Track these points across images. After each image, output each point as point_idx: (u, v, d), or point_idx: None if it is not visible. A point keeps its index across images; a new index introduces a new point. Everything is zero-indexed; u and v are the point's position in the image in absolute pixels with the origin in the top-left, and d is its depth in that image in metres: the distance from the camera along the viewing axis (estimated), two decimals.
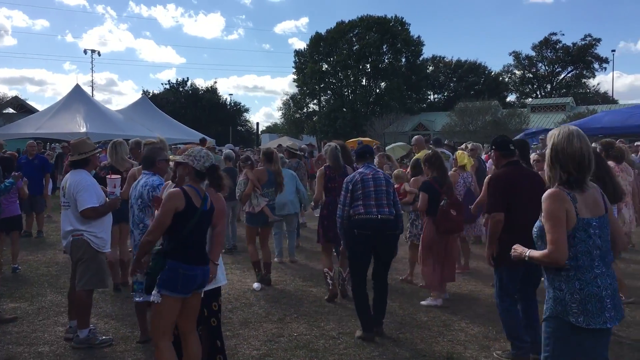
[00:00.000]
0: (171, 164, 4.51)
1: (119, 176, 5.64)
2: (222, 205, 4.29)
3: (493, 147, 5.29)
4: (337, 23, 55.17)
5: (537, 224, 3.16)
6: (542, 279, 5.80)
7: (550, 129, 14.87)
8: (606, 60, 58.61)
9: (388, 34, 53.32)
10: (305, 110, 59.70)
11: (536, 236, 3.16)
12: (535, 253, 3.11)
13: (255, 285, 7.44)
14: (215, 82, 71.21)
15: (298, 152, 11.82)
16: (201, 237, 4.03)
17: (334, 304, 6.68)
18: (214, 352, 4.33)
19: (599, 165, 4.91)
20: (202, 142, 15.59)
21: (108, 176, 5.60)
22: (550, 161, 3.12)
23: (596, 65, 59.71)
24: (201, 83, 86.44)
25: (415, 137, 10.19)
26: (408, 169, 8.62)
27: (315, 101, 58.79)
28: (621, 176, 6.99)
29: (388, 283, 5.87)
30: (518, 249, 3.27)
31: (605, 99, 55.05)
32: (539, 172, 6.12)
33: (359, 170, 5.89)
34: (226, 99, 62.91)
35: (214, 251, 4.25)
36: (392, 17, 54.75)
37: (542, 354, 3.17)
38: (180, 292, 3.88)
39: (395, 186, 8.13)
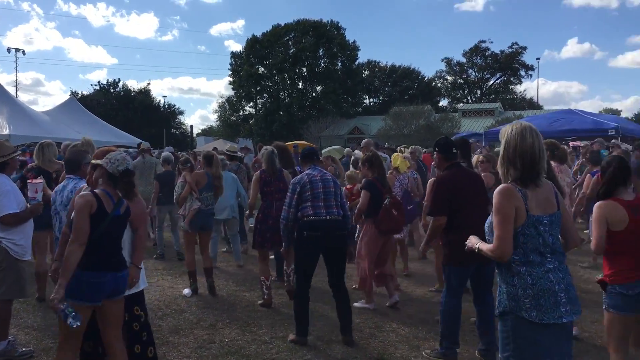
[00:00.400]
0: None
1: (41, 181, 5.38)
2: (140, 208, 4.18)
3: (436, 149, 5.30)
4: (273, 26, 55.18)
5: (488, 219, 3.19)
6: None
7: (480, 133, 15.32)
8: (532, 68, 61.41)
9: (324, 38, 53.73)
10: (241, 113, 59.27)
11: (487, 231, 3.19)
12: (484, 246, 3.15)
13: (186, 291, 7.29)
14: (149, 84, 69.32)
15: (238, 154, 11.66)
16: (113, 242, 3.89)
17: (267, 309, 6.63)
18: (131, 358, 4.18)
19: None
20: (138, 146, 15.07)
21: (29, 180, 5.33)
22: (503, 157, 3.12)
23: (522, 72, 62.50)
24: (134, 84, 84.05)
25: (365, 140, 10.35)
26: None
27: (251, 104, 58.51)
28: (560, 177, 7.27)
29: (347, 289, 5.77)
30: (472, 239, 3.29)
31: (531, 104, 57.62)
32: (483, 174, 6.31)
33: (306, 172, 5.80)
34: (160, 101, 61.67)
35: (136, 255, 4.14)
36: (328, 21, 55.33)
37: (501, 354, 3.14)
38: (88, 300, 3.74)
39: (348, 186, 8.25)
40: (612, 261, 3.98)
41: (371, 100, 64.74)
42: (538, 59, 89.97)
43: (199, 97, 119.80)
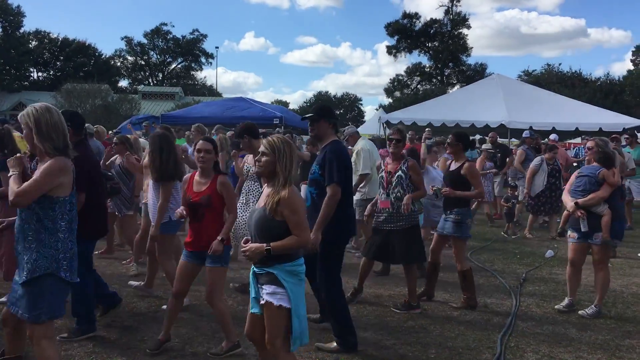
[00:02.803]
0: None
1: None
2: None
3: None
4: None
5: None
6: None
7: (157, 117, 14.92)
8: (212, 56, 63.47)
9: None
10: None
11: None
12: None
13: None
14: None
15: None
16: None
17: None
18: None
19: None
20: None
21: None
22: (38, 135, 3.38)
23: (203, 60, 64.14)
24: None
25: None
26: None
27: None
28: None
29: None
30: None
31: (211, 91, 59.55)
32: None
33: None
34: None
35: None
36: None
37: (30, 313, 3.41)
38: None
39: None
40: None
41: (40, 74, 58.45)
42: (217, 47, 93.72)
43: None
